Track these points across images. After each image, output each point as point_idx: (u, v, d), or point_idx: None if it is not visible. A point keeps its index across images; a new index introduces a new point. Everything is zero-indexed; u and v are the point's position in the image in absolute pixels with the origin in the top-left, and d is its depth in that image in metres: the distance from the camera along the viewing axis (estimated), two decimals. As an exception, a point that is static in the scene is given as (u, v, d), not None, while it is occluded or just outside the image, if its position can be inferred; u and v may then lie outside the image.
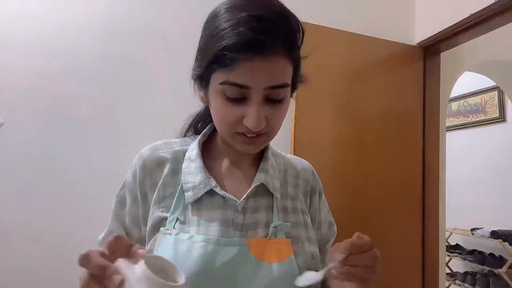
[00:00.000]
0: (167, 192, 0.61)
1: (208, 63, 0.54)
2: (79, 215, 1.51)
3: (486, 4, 1.60)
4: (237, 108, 0.55)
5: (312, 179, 0.72)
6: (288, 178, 0.69)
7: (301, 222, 0.64)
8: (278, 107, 0.57)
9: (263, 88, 0.53)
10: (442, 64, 2.05)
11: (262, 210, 0.61)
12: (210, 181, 0.60)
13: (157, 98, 1.64)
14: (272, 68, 0.53)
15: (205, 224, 0.57)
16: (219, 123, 0.59)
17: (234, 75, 0.52)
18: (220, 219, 0.58)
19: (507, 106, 3.58)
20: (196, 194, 0.59)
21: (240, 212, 0.59)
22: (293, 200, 0.66)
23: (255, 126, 0.54)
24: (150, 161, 0.64)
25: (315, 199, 0.71)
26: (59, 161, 1.52)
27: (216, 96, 0.56)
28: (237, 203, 0.59)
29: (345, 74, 1.79)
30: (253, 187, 0.61)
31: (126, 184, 0.66)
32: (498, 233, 3.20)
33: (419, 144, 1.94)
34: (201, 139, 0.67)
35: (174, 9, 1.69)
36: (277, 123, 0.59)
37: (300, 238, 0.62)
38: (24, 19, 1.52)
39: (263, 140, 0.59)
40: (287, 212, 0.64)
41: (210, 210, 0.59)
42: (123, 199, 0.65)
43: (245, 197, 0.60)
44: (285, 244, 0.58)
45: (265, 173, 0.64)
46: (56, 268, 1.46)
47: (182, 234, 0.56)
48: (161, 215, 0.60)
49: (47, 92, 1.52)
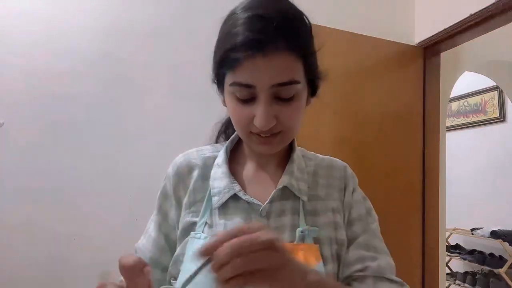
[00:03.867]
0: (198, 197, 0.63)
1: (218, 66, 0.56)
2: (79, 215, 1.51)
3: (486, 4, 1.60)
4: (247, 108, 0.55)
5: (345, 175, 0.69)
6: (319, 179, 0.67)
7: (332, 222, 0.62)
8: (289, 105, 0.56)
9: (269, 86, 0.53)
10: (442, 64, 2.05)
11: (288, 214, 0.60)
12: (234, 186, 0.61)
13: (157, 98, 1.64)
14: (276, 65, 0.52)
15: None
16: (235, 125, 0.60)
17: (239, 76, 0.53)
18: (244, 223, 0.58)
19: (507, 106, 3.58)
20: (221, 199, 0.60)
21: (264, 217, 0.59)
22: (324, 201, 0.64)
23: (263, 125, 0.54)
24: (182, 167, 0.66)
25: (348, 194, 0.67)
26: (59, 161, 1.51)
27: (229, 98, 0.57)
28: (261, 207, 0.59)
29: (345, 74, 1.80)
30: (276, 190, 0.60)
31: (161, 190, 0.67)
32: (498, 233, 3.20)
33: (419, 144, 1.94)
34: (228, 145, 0.68)
35: (175, 9, 1.69)
36: (291, 121, 0.57)
37: (330, 241, 0.60)
38: (24, 19, 1.52)
39: (278, 140, 0.58)
40: (317, 215, 0.62)
41: (235, 215, 0.59)
42: (161, 204, 0.67)
43: (269, 201, 0.60)
44: (313, 250, 0.57)
45: (290, 175, 0.63)
46: (56, 268, 1.46)
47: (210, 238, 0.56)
48: (191, 219, 0.61)
49: (47, 92, 1.52)
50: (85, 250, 1.49)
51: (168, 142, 1.60)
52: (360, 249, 0.62)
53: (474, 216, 3.69)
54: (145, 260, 0.58)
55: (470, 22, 1.71)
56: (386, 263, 0.62)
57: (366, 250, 0.62)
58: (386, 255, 0.64)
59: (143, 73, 1.64)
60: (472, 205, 3.75)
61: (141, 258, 0.43)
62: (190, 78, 1.65)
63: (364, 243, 0.63)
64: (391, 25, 2.03)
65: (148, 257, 0.63)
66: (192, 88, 1.65)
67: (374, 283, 0.59)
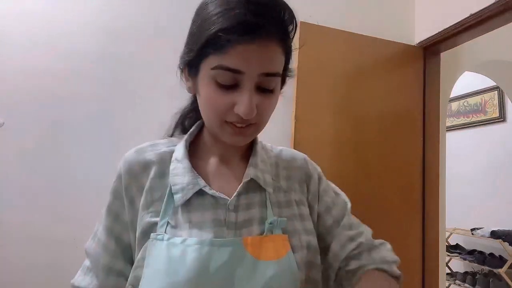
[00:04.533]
0: (155, 196, 0.59)
1: (201, 47, 0.52)
2: (78, 215, 1.51)
3: (486, 4, 1.60)
4: (228, 95, 0.53)
5: (305, 165, 0.70)
6: (280, 171, 0.66)
7: (297, 214, 0.62)
8: (269, 98, 0.55)
9: (256, 75, 0.52)
10: (442, 64, 2.05)
11: (255, 206, 0.59)
12: (199, 181, 0.58)
13: (157, 98, 1.64)
14: (267, 54, 0.51)
15: (197, 226, 0.55)
16: (208, 112, 0.56)
17: (228, 59, 0.50)
18: (212, 219, 0.56)
19: (507, 106, 3.58)
20: (185, 196, 0.57)
21: (232, 211, 0.57)
22: (286, 193, 0.64)
23: (247, 113, 0.52)
24: (135, 164, 0.61)
25: (312, 185, 0.68)
26: (59, 162, 1.51)
27: (206, 83, 0.54)
28: (228, 201, 0.57)
29: (345, 74, 1.80)
30: (243, 183, 0.59)
31: (112, 190, 0.63)
32: (498, 233, 3.20)
33: (419, 144, 1.94)
34: (188, 139, 0.64)
35: (175, 9, 1.69)
36: (267, 114, 0.57)
37: (297, 231, 0.60)
38: (25, 19, 1.52)
39: (252, 131, 0.57)
40: (282, 207, 0.62)
41: (201, 211, 0.57)
42: (111, 205, 0.62)
43: (236, 194, 0.58)
44: (282, 240, 0.57)
45: (254, 168, 0.62)
46: (55, 268, 1.46)
47: (174, 238, 0.53)
48: (151, 220, 0.57)
49: (47, 92, 1.52)
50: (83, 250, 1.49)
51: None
52: (346, 230, 0.66)
53: (474, 216, 3.69)
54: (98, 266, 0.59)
55: (470, 22, 1.71)
56: (368, 233, 0.69)
57: (351, 229, 0.67)
58: (363, 225, 0.71)
59: (143, 73, 1.64)
60: (472, 205, 3.75)
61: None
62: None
63: (347, 223, 0.67)
64: (391, 25, 2.03)
65: (101, 263, 0.60)
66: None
67: (368, 254, 0.64)
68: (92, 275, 0.61)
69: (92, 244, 0.63)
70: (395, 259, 0.66)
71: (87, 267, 0.63)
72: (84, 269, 0.63)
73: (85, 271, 0.62)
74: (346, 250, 0.64)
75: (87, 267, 0.63)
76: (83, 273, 0.63)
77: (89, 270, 0.62)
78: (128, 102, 1.62)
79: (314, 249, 0.62)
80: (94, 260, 0.61)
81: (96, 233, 0.64)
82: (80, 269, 0.64)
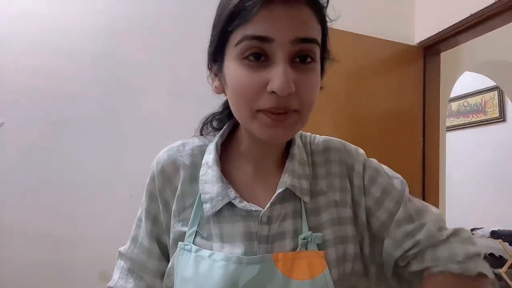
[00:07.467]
0: (187, 202, 0.55)
1: (223, 26, 0.47)
2: (78, 215, 1.51)
3: (486, 4, 1.60)
4: (258, 73, 0.45)
5: (345, 157, 0.60)
6: (317, 169, 0.58)
7: (336, 218, 0.55)
8: (308, 74, 0.47)
9: (289, 41, 0.44)
10: (442, 64, 2.06)
11: (289, 217, 0.53)
12: (229, 192, 0.53)
13: (157, 99, 1.64)
14: (299, 17, 0.45)
15: (228, 239, 0.51)
16: (238, 101, 0.49)
17: (253, 27, 0.44)
18: (243, 232, 0.51)
19: (507, 106, 3.58)
20: (214, 207, 0.52)
21: (265, 223, 0.52)
22: (326, 194, 0.56)
23: (283, 88, 0.43)
24: (168, 165, 0.57)
25: (356, 178, 0.59)
26: (58, 161, 1.51)
27: (232, 66, 0.47)
28: (261, 213, 0.52)
29: (345, 74, 1.79)
30: (277, 193, 0.53)
31: (147, 192, 0.59)
32: (498, 233, 3.20)
33: (419, 144, 1.94)
34: (218, 141, 0.58)
35: (175, 9, 1.69)
36: (309, 95, 0.47)
37: (334, 241, 0.54)
38: (25, 19, 1.52)
39: (293, 121, 0.48)
40: (319, 213, 0.55)
41: (232, 223, 0.52)
42: (148, 208, 0.59)
43: (269, 205, 0.52)
44: (318, 257, 0.51)
45: (291, 174, 0.54)
46: (55, 267, 1.46)
47: (203, 251, 0.51)
48: (181, 229, 0.54)
49: (47, 92, 1.52)
50: (84, 250, 1.49)
51: (168, 142, 1.60)
52: (404, 225, 0.55)
53: (474, 216, 3.69)
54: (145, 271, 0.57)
55: (470, 22, 1.71)
56: (433, 223, 0.54)
57: (410, 222, 0.55)
58: (427, 212, 0.57)
59: (143, 73, 1.64)
60: (472, 205, 3.75)
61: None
62: (190, 79, 1.65)
63: (404, 215, 0.55)
64: (391, 25, 2.03)
65: (150, 269, 0.57)
66: (191, 89, 1.65)
67: (433, 251, 0.53)
68: (136, 277, 0.58)
69: (134, 250, 0.59)
70: (472, 252, 0.51)
71: (127, 269, 0.59)
72: (123, 272, 0.59)
73: (126, 273, 0.59)
74: (402, 249, 0.54)
75: (126, 269, 0.59)
76: (124, 275, 0.59)
77: (130, 273, 0.58)
78: (128, 102, 1.62)
79: (353, 258, 0.55)
80: (140, 266, 0.58)
81: (135, 238, 0.60)
82: (118, 272, 0.60)
